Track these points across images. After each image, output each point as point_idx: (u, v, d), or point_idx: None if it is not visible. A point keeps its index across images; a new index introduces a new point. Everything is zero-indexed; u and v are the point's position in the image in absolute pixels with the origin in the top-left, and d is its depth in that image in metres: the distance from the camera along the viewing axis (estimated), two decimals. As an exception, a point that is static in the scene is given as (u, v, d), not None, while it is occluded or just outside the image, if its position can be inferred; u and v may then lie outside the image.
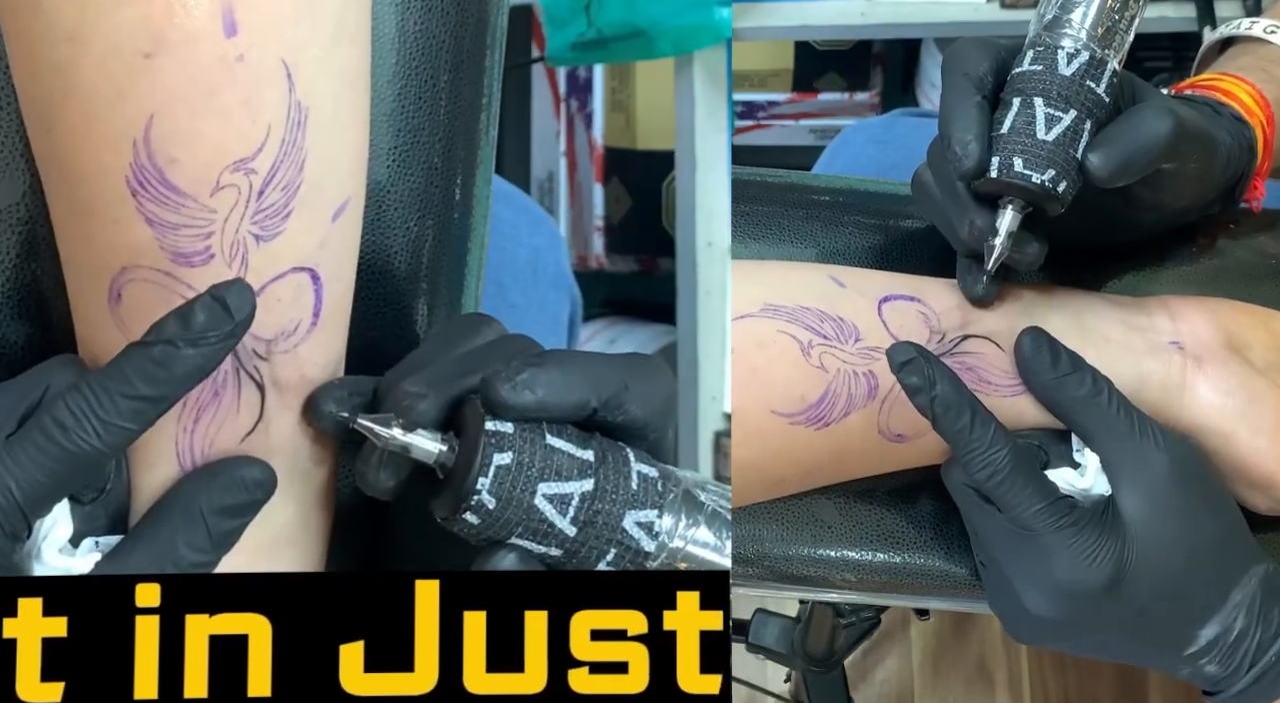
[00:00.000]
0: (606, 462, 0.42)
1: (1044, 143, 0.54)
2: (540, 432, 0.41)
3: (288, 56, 0.40)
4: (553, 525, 0.41)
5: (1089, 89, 0.54)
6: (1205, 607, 0.54)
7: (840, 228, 0.67)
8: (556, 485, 0.41)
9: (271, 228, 0.41)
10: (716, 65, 1.26)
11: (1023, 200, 0.55)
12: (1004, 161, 0.54)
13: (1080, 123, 0.54)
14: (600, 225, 1.52)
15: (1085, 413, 0.55)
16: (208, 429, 0.43)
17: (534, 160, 1.57)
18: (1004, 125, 0.55)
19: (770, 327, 0.56)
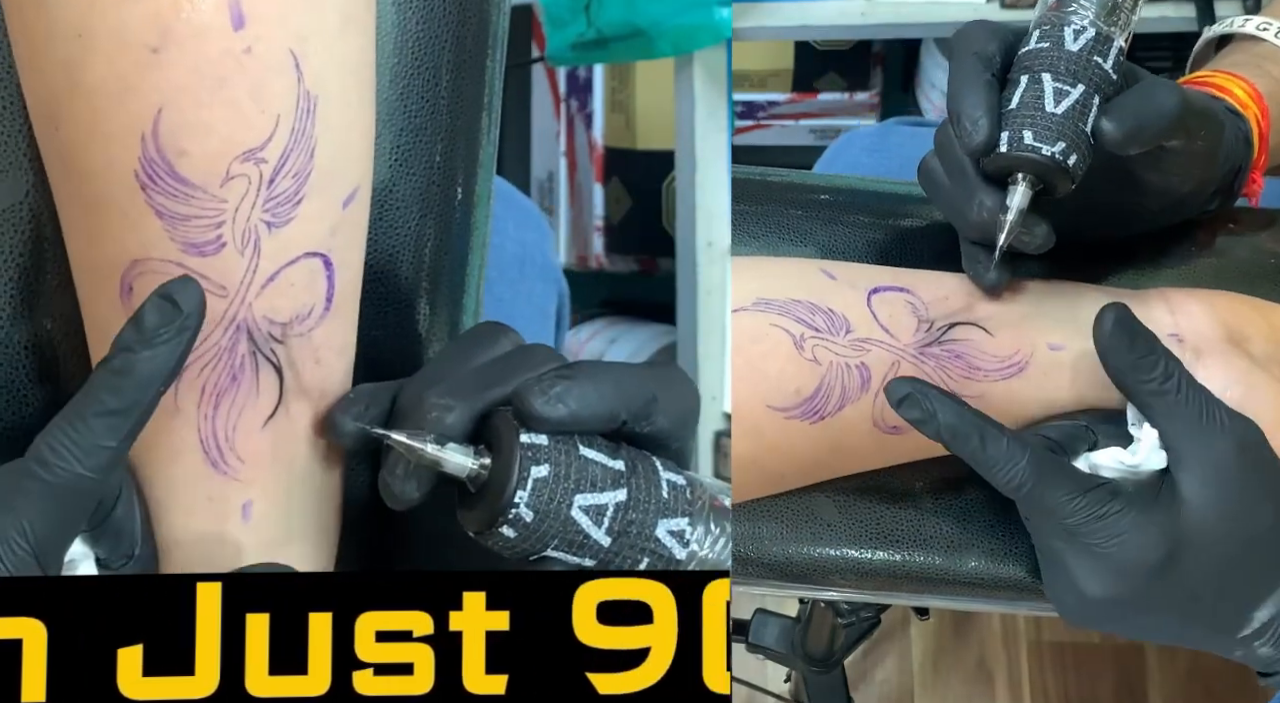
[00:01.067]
0: (637, 471, 0.42)
1: (1053, 116, 0.54)
2: (574, 443, 0.41)
3: (295, 47, 0.40)
4: (588, 537, 0.41)
5: (1096, 64, 0.55)
6: (1260, 589, 0.53)
7: (839, 227, 0.67)
8: (592, 497, 0.41)
9: (283, 215, 0.41)
10: (716, 65, 1.26)
11: (1033, 176, 0.55)
12: (1014, 135, 0.54)
13: (1089, 97, 0.55)
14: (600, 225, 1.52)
15: (1155, 396, 0.54)
16: (228, 414, 0.43)
17: (534, 160, 1.57)
18: (1013, 101, 0.55)
19: (763, 320, 0.56)
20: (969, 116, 0.54)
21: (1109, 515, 0.53)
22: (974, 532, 0.61)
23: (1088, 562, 0.53)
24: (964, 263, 0.59)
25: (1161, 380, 0.54)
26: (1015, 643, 1.45)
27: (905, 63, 1.57)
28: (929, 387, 0.54)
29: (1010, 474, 0.53)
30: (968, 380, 0.57)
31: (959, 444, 0.53)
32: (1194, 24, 1.21)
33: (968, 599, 0.63)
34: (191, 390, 0.42)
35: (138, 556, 0.43)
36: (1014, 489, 0.53)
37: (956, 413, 0.53)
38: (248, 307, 0.42)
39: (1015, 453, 0.53)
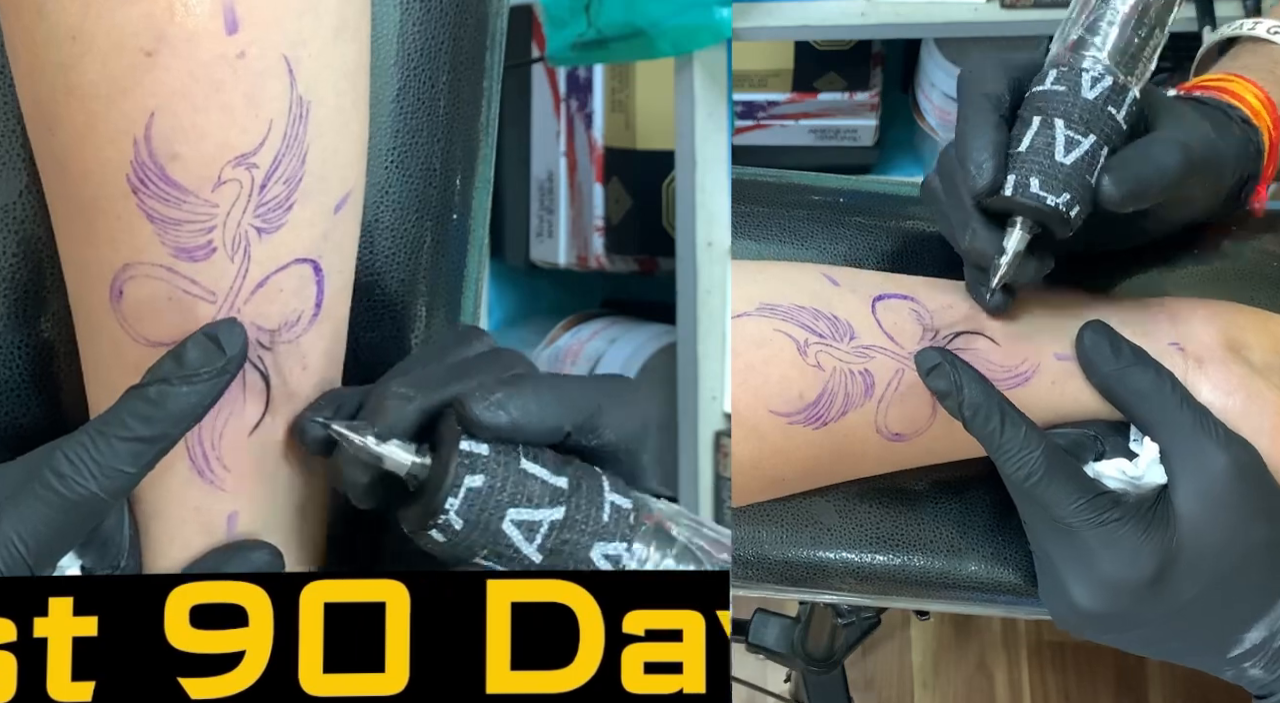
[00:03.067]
0: (580, 490, 0.41)
1: (1062, 166, 0.53)
2: (515, 455, 0.41)
3: (289, 52, 0.40)
4: (518, 551, 0.41)
5: (1109, 115, 0.54)
6: (1252, 610, 0.54)
7: (840, 229, 0.67)
8: (527, 512, 0.41)
9: (274, 220, 0.41)
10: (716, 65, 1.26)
11: (1032, 220, 0.54)
12: (1020, 180, 0.54)
13: (1098, 148, 0.54)
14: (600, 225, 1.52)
15: (1147, 405, 0.54)
16: (215, 422, 0.43)
17: (534, 160, 1.57)
18: (1023, 143, 0.54)
19: (767, 326, 0.56)
20: (975, 159, 0.54)
21: (1108, 522, 0.53)
22: (973, 536, 0.61)
23: (1080, 571, 0.54)
24: (967, 282, 0.59)
25: (1155, 386, 0.54)
26: (1015, 643, 1.45)
27: (905, 63, 1.57)
28: (959, 360, 0.54)
29: (1022, 462, 0.53)
30: None
31: (979, 423, 0.53)
32: (1194, 24, 1.21)
33: (967, 603, 0.63)
34: None
35: (123, 567, 0.42)
36: (1022, 479, 0.53)
37: (983, 391, 0.54)
38: (237, 313, 0.41)
39: (1032, 442, 0.53)
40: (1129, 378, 0.55)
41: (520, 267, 1.50)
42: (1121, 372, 0.55)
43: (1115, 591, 0.53)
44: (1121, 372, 0.55)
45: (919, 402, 0.57)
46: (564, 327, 1.51)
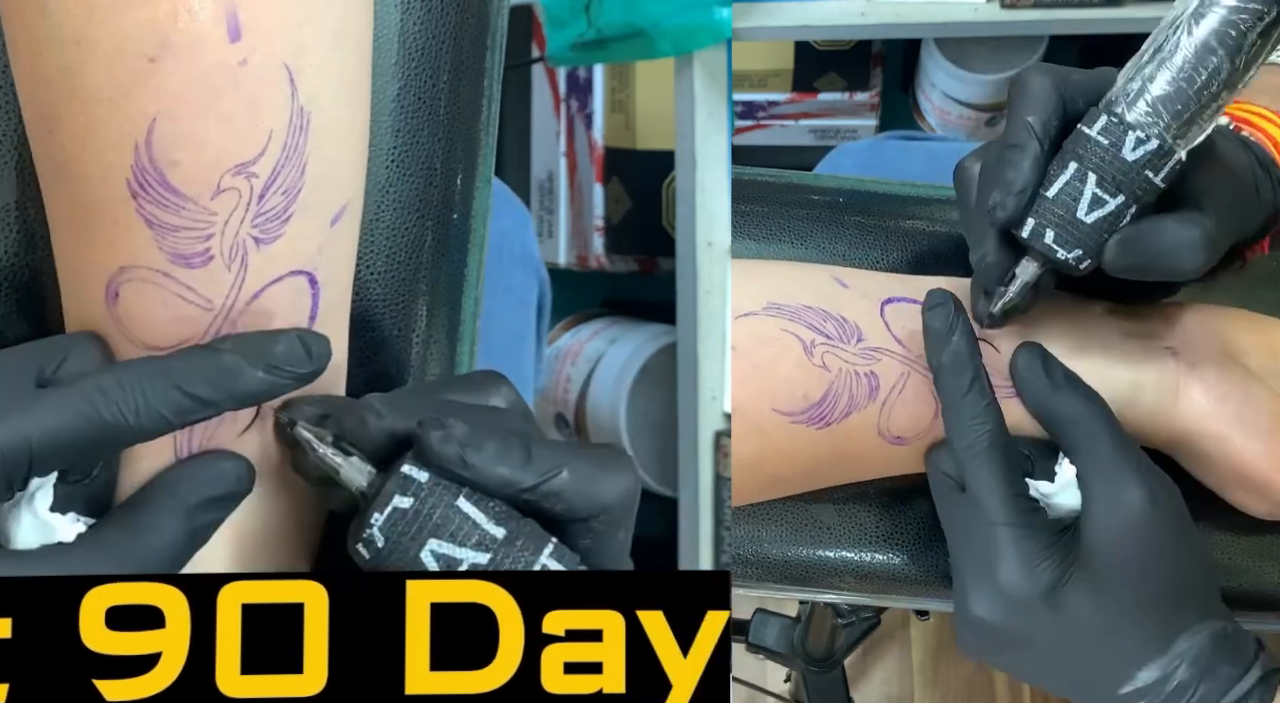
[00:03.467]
0: (514, 545, 0.41)
1: (1080, 223, 0.53)
2: (454, 492, 0.40)
3: (291, 61, 0.40)
4: None
5: (1145, 178, 0.52)
6: (1147, 648, 0.53)
7: (840, 228, 0.67)
8: (449, 547, 0.40)
9: (272, 231, 0.41)
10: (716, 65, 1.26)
11: (1044, 259, 0.54)
12: (1037, 228, 0.53)
13: (1125, 208, 0.53)
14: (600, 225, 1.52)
15: (1073, 431, 0.55)
16: (206, 425, 0.43)
17: (534, 160, 1.57)
18: (1051, 189, 0.53)
19: (774, 325, 0.56)
20: (1003, 190, 0.53)
21: (1023, 526, 0.53)
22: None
23: (979, 574, 0.54)
24: (970, 291, 0.58)
25: (1083, 412, 0.54)
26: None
27: (905, 63, 1.57)
28: (964, 311, 0.54)
29: (972, 431, 0.53)
30: None
31: (948, 377, 0.54)
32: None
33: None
34: None
35: (95, 475, 0.42)
36: (965, 447, 0.53)
37: (970, 346, 0.54)
38: (231, 323, 0.41)
39: (988, 417, 0.53)
40: (1059, 402, 0.55)
41: (520, 267, 1.50)
42: (1052, 395, 0.55)
43: (1006, 600, 0.53)
44: (1052, 395, 0.55)
45: (921, 406, 0.57)
46: (564, 327, 1.51)
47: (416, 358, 0.52)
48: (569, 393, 1.44)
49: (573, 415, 1.44)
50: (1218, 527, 0.62)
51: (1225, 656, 0.53)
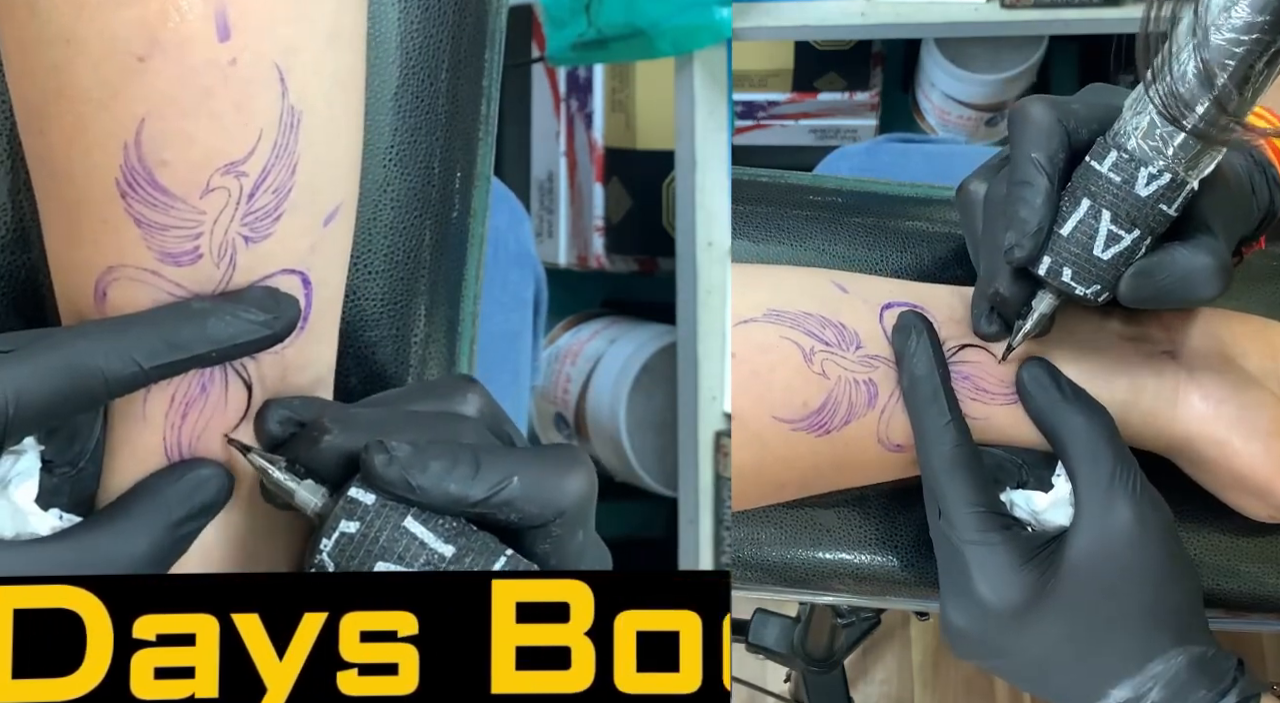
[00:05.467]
0: (463, 562, 0.41)
1: (1098, 260, 0.53)
2: (401, 512, 0.40)
3: (281, 60, 0.40)
4: None
5: (1160, 211, 0.52)
6: (1121, 667, 0.53)
7: (840, 229, 0.67)
8: (395, 567, 0.40)
9: (262, 229, 0.41)
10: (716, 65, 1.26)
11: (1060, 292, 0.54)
12: (1054, 265, 0.53)
13: (1140, 242, 0.53)
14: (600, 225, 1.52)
15: (1072, 445, 0.54)
16: (195, 424, 0.43)
17: (534, 160, 1.57)
18: (1065, 226, 0.53)
19: (773, 332, 0.56)
20: (1016, 232, 0.53)
21: (987, 544, 0.53)
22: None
23: (955, 583, 0.54)
24: (972, 309, 0.58)
25: (1084, 427, 0.54)
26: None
27: (905, 63, 1.57)
28: (929, 334, 0.55)
29: (934, 448, 0.54)
30: (974, 402, 0.57)
31: (909, 399, 0.54)
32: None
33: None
34: (160, 399, 0.42)
35: (82, 467, 0.42)
36: (930, 468, 0.54)
37: (928, 367, 0.54)
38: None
39: (951, 434, 0.54)
40: (1062, 414, 0.55)
41: (520, 266, 1.50)
42: (1055, 407, 0.55)
43: (981, 613, 0.53)
44: (1055, 407, 0.55)
45: None
46: (564, 327, 1.51)
47: (415, 357, 0.52)
48: (569, 393, 1.44)
49: (573, 416, 1.44)
50: (1217, 530, 0.62)
51: (1201, 679, 0.52)
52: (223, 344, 0.40)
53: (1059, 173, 0.53)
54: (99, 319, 0.41)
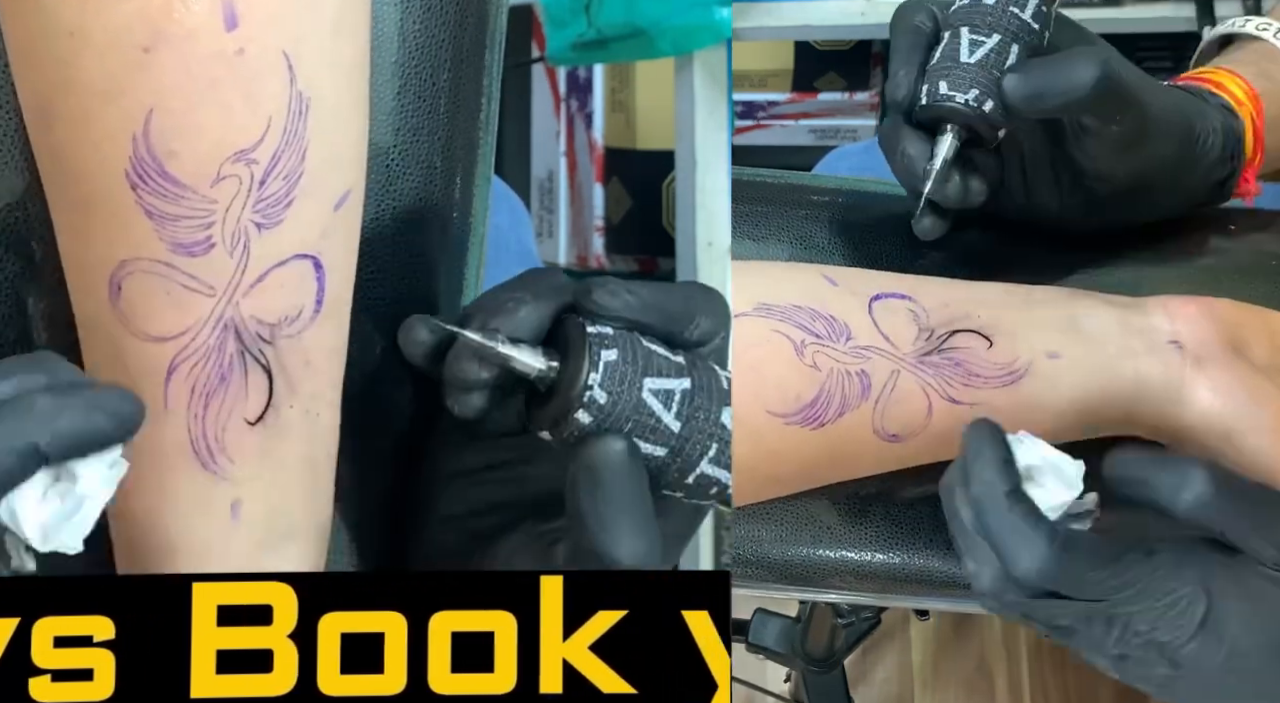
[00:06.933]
0: (696, 365, 0.44)
1: (967, 65, 0.57)
2: (636, 336, 0.43)
3: (289, 48, 0.40)
4: (659, 420, 0.43)
5: (1013, 15, 0.57)
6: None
7: (840, 228, 0.67)
8: (660, 381, 0.43)
9: (274, 216, 0.41)
10: (716, 65, 1.26)
11: (958, 127, 0.58)
12: (932, 87, 0.58)
13: (1005, 46, 0.57)
14: (600, 225, 1.52)
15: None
16: (218, 414, 0.43)
17: (534, 160, 1.57)
18: (934, 57, 0.58)
19: (764, 326, 0.56)
20: (892, 74, 0.58)
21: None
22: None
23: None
24: (913, 222, 0.61)
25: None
26: (1015, 643, 1.45)
27: (905, 63, 1.57)
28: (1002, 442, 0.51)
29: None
30: (967, 388, 0.56)
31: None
32: (1194, 24, 1.21)
33: (968, 601, 0.63)
34: (181, 390, 0.42)
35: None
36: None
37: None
38: (235, 306, 0.41)
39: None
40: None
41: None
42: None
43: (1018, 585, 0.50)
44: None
45: (915, 403, 0.57)
46: (564, 327, 1.50)
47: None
48: (569, 393, 1.44)
49: (573, 415, 1.43)
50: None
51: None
52: (63, 440, 0.38)
53: (928, 33, 0.59)
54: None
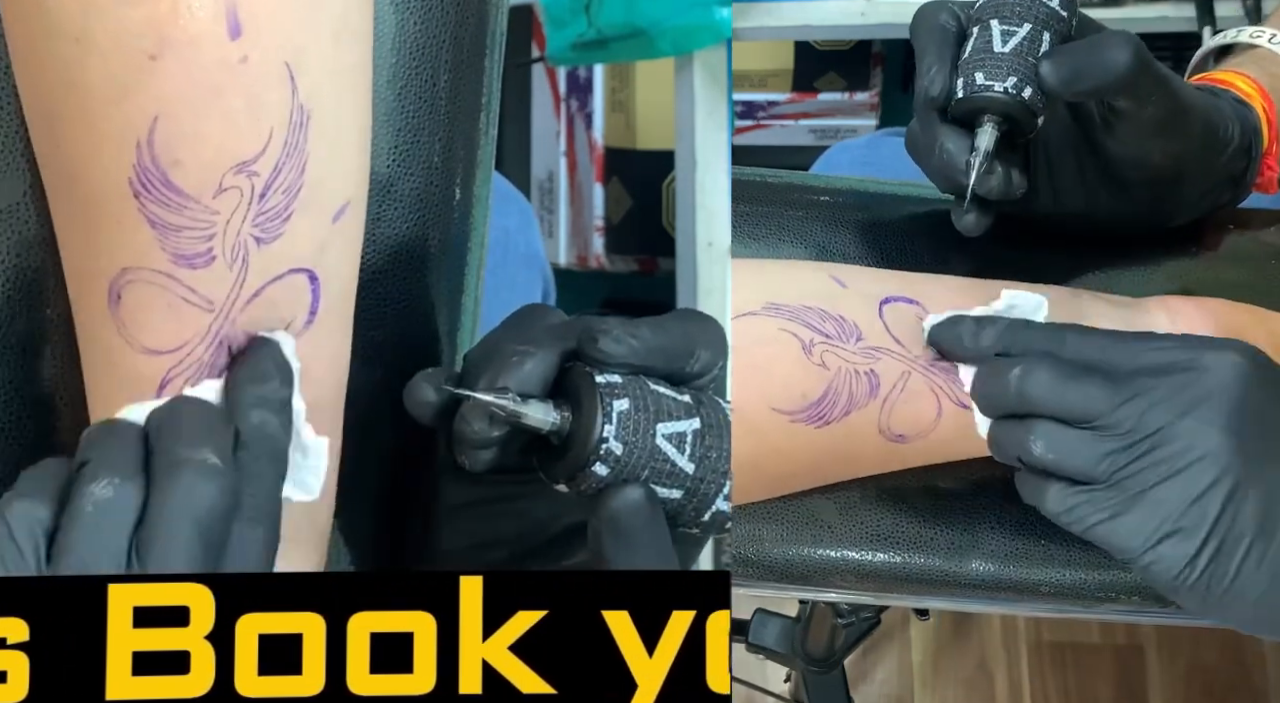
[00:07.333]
0: (703, 402, 0.45)
1: (1002, 54, 0.56)
2: (643, 380, 0.44)
3: (291, 58, 0.40)
4: (674, 464, 0.43)
5: (1041, 4, 0.57)
6: None
7: (840, 228, 0.67)
8: (672, 425, 0.43)
9: (272, 230, 0.41)
10: (716, 65, 1.26)
11: (997, 117, 0.57)
12: (967, 79, 0.57)
13: (1037, 33, 0.57)
14: (600, 225, 1.52)
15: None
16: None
17: (534, 160, 1.57)
18: (966, 50, 0.58)
19: (772, 325, 0.56)
20: (924, 72, 0.57)
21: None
22: (975, 534, 0.61)
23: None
24: (952, 215, 0.60)
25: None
26: (1015, 643, 1.45)
27: (905, 63, 1.57)
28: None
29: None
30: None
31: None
32: (1194, 24, 1.21)
33: (969, 601, 0.63)
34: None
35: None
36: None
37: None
38: (231, 323, 0.41)
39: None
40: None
41: (520, 266, 1.50)
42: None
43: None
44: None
45: (923, 404, 0.57)
46: (564, 327, 1.51)
47: (415, 359, 0.52)
48: (569, 393, 1.44)
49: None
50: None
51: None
52: None
53: (954, 34, 0.59)
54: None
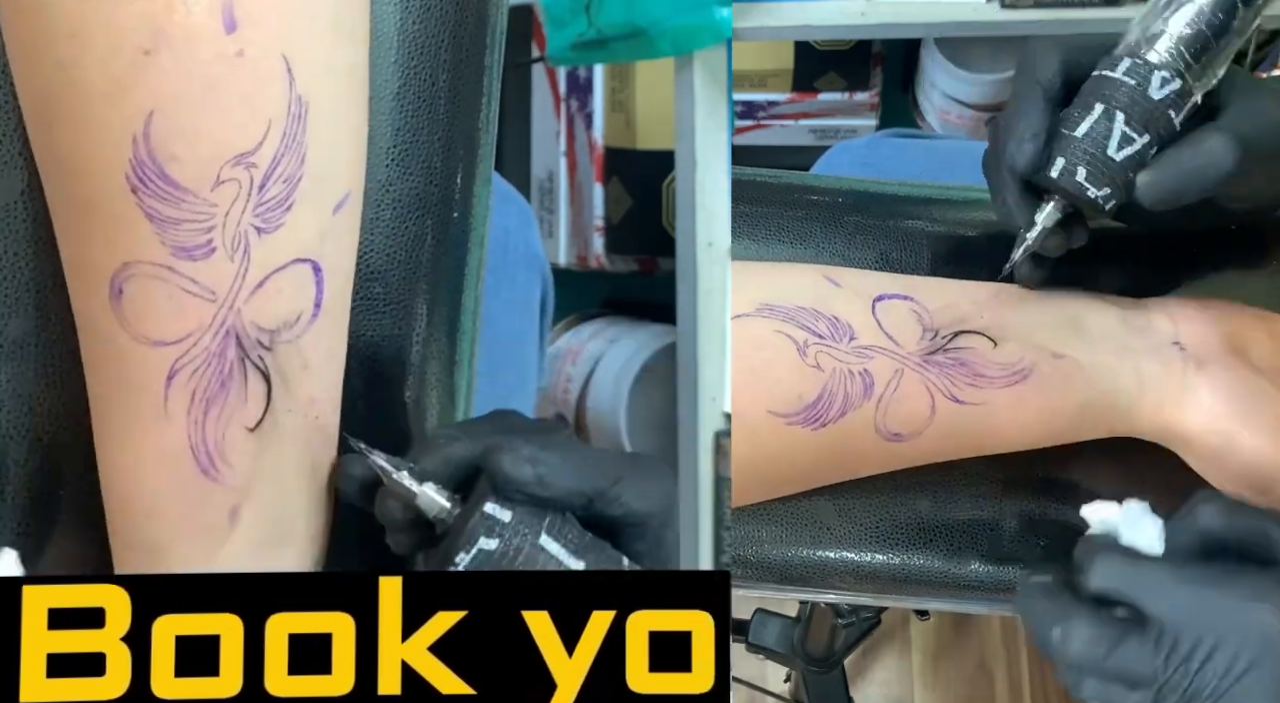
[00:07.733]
0: (600, 551, 0.42)
1: (1111, 161, 0.54)
2: (538, 529, 0.41)
3: (288, 51, 0.40)
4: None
5: (1168, 118, 0.55)
6: None
7: (839, 228, 0.67)
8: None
9: (273, 220, 0.41)
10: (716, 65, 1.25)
11: (1066, 201, 0.56)
12: (1068, 166, 0.55)
13: (1149, 148, 0.55)
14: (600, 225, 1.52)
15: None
16: (218, 421, 0.43)
17: (534, 160, 1.57)
18: (1080, 127, 0.55)
19: (767, 327, 0.56)
20: (1016, 140, 0.55)
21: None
22: (974, 535, 0.61)
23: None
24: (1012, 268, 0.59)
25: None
26: (1015, 643, 1.45)
27: (905, 63, 1.57)
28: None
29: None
30: (972, 388, 0.57)
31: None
32: None
33: (968, 602, 0.63)
34: (182, 396, 0.42)
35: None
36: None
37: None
38: (236, 312, 0.42)
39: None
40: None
41: (520, 266, 1.50)
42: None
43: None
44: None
45: (918, 402, 0.57)
46: (564, 327, 1.51)
47: (416, 356, 0.52)
48: (569, 393, 1.44)
49: (573, 415, 1.44)
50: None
51: None
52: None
53: (1057, 91, 0.56)
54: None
